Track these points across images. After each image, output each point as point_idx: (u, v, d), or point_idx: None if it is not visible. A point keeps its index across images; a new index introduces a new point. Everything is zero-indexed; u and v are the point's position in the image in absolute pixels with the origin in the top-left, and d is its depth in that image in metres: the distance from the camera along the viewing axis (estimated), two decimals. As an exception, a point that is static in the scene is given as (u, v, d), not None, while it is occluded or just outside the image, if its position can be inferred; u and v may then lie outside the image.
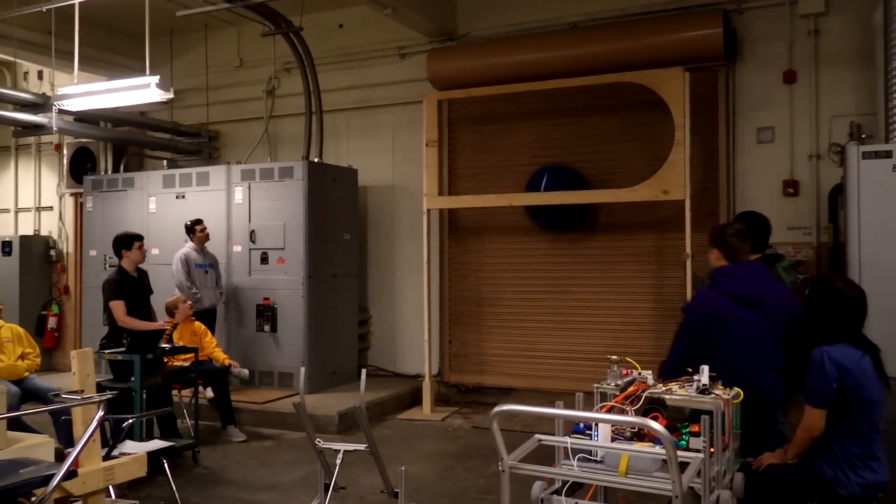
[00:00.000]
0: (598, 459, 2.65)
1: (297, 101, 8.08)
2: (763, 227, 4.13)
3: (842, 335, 3.12)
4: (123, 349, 5.35)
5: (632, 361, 3.18)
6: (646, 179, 6.32)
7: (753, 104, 6.75)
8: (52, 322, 9.59)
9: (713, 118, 6.83)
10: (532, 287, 7.55)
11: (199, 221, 7.13)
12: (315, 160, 7.63)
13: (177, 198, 7.95)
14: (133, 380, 5.22)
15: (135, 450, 4.05)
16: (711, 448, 2.58)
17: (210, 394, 6.38)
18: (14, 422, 3.88)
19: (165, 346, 5.61)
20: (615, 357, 3.11)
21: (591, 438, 2.70)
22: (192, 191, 7.85)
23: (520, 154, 7.58)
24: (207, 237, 7.16)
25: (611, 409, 2.82)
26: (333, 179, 7.71)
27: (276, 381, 7.33)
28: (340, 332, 7.72)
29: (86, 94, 6.48)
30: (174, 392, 6.02)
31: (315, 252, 7.32)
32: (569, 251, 7.40)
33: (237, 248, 7.58)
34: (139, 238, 5.95)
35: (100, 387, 4.12)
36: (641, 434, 2.67)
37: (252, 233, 7.49)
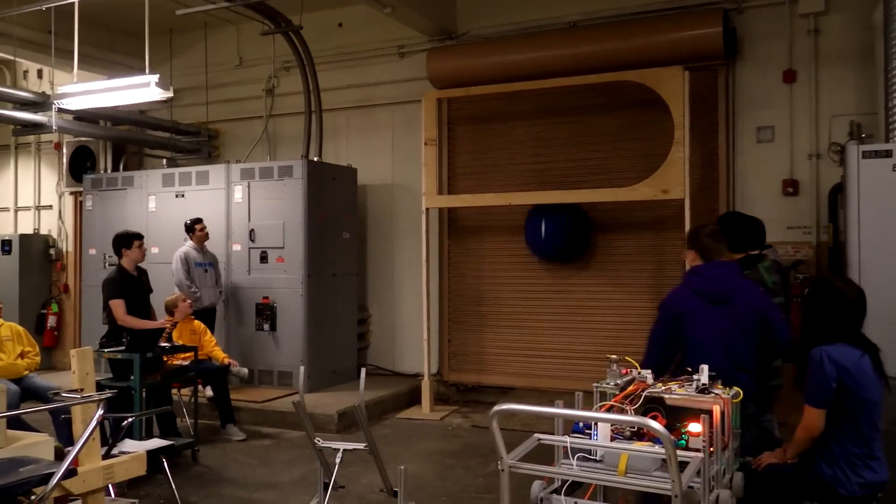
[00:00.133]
0: (598, 459, 2.65)
1: (297, 100, 8.08)
2: (747, 228, 4.13)
3: (841, 334, 3.12)
4: (123, 348, 5.35)
5: (631, 360, 3.18)
6: (645, 178, 6.32)
7: (753, 103, 6.76)
8: (52, 321, 9.59)
9: (713, 117, 6.83)
10: (531, 286, 7.56)
11: (199, 220, 7.12)
12: (314, 159, 7.63)
13: (176, 196, 7.94)
14: (132, 378, 5.22)
15: (134, 448, 4.05)
16: (711, 447, 2.58)
17: (209, 392, 6.38)
18: (14, 420, 3.88)
19: (165, 345, 5.61)
20: (614, 356, 3.11)
21: (591, 438, 2.70)
22: (192, 189, 7.85)
23: (519, 153, 7.59)
24: (207, 236, 7.16)
25: (610, 409, 2.82)
26: (333, 178, 7.71)
27: (276, 380, 7.33)
28: (340, 331, 7.72)
29: (85, 93, 6.48)
30: (174, 391, 6.03)
31: (314, 251, 7.32)
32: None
33: (237, 247, 7.58)
34: (139, 237, 5.95)
35: (99, 385, 4.12)
36: (641, 433, 2.67)
37: (251, 232, 7.49)
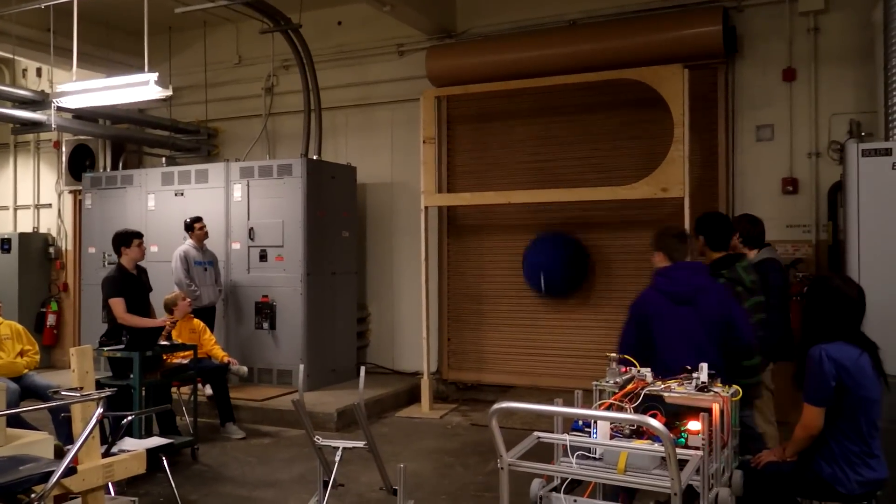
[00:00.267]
0: (597, 457, 2.65)
1: (296, 99, 8.07)
2: (723, 227, 4.21)
3: (840, 333, 3.12)
4: (122, 346, 5.35)
5: (631, 359, 3.18)
6: (645, 177, 6.32)
7: (753, 102, 6.75)
8: (52, 319, 9.59)
9: (712, 116, 6.83)
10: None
11: (199, 219, 7.12)
12: (314, 158, 7.62)
13: (176, 195, 7.94)
14: (132, 377, 5.22)
15: (134, 447, 4.05)
16: (710, 445, 2.58)
17: (209, 391, 6.38)
18: (13, 419, 3.89)
19: (164, 344, 5.61)
20: (614, 355, 3.11)
21: (590, 436, 2.70)
22: (191, 188, 7.85)
23: (519, 152, 7.58)
24: (206, 235, 7.15)
25: (610, 407, 2.82)
26: (332, 177, 7.71)
27: (275, 379, 7.33)
28: (339, 330, 7.72)
29: (84, 92, 6.47)
30: (173, 389, 6.02)
31: (314, 249, 7.32)
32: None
33: (236, 246, 7.58)
34: (139, 235, 5.94)
35: (99, 384, 4.12)
36: (640, 431, 2.67)
37: (251, 230, 7.49)
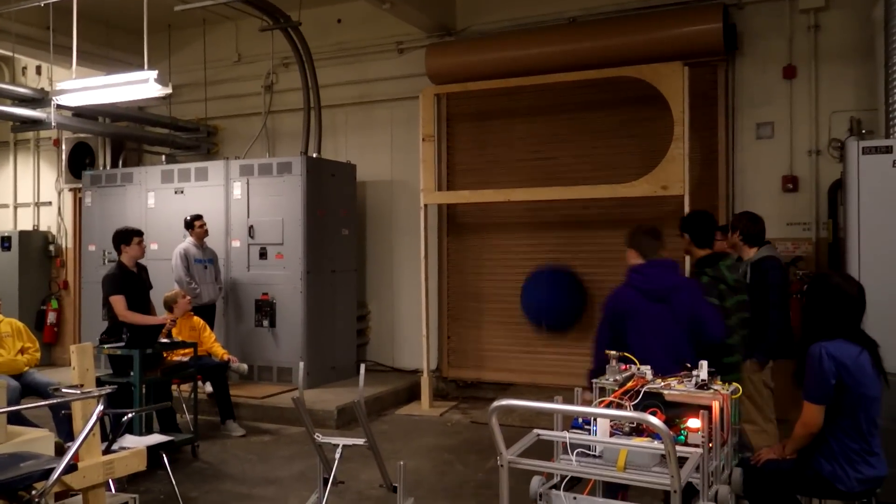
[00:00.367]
0: (597, 454, 2.65)
1: (296, 97, 8.07)
2: (707, 225, 4.25)
3: (840, 331, 3.12)
4: (123, 344, 5.35)
5: (631, 357, 3.18)
6: (645, 175, 6.31)
7: (753, 99, 6.75)
8: (52, 317, 9.60)
9: (712, 113, 6.82)
10: (531, 282, 7.55)
11: (199, 217, 7.12)
12: (313, 155, 7.62)
13: (175, 193, 7.94)
14: (132, 374, 5.22)
15: (134, 444, 4.06)
16: (710, 443, 2.58)
17: (209, 388, 6.38)
18: (14, 416, 3.89)
19: (165, 341, 5.61)
20: (614, 353, 3.12)
21: (590, 433, 2.71)
22: (191, 186, 7.84)
23: (518, 150, 7.58)
24: (206, 232, 7.15)
25: (609, 405, 2.83)
26: (332, 175, 7.71)
27: (275, 376, 7.34)
28: (339, 328, 7.72)
29: (84, 89, 6.46)
30: (173, 387, 6.03)
31: (313, 247, 7.32)
32: (567, 247, 7.39)
33: (236, 244, 7.58)
34: (138, 233, 5.94)
35: (99, 381, 4.12)
36: (640, 429, 2.67)
37: (251, 228, 7.48)
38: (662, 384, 2.92)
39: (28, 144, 10.10)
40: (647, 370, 3.08)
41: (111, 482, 3.47)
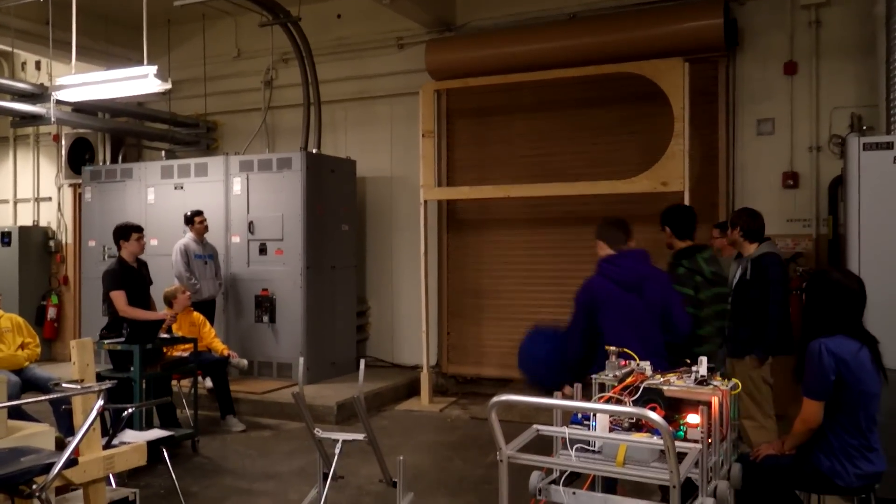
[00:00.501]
0: (596, 450, 2.66)
1: (296, 92, 8.05)
2: (686, 217, 4.30)
3: (840, 326, 3.13)
4: (123, 339, 5.35)
5: (630, 352, 3.18)
6: (645, 171, 6.31)
7: (753, 96, 6.74)
8: (52, 313, 9.61)
9: (713, 110, 6.81)
10: (530, 279, 7.55)
11: (199, 213, 7.12)
12: (313, 151, 7.62)
13: (175, 189, 7.94)
14: (132, 370, 5.23)
15: (134, 439, 4.06)
16: (709, 438, 2.59)
17: (209, 384, 6.39)
18: (14, 411, 3.89)
19: (165, 337, 5.62)
20: (613, 348, 3.12)
21: (589, 429, 2.71)
22: (191, 182, 7.84)
23: (518, 146, 7.57)
24: (206, 228, 7.15)
25: (609, 400, 2.83)
26: (332, 171, 7.70)
27: (275, 372, 7.35)
28: (339, 323, 7.73)
29: (83, 85, 6.45)
30: (173, 382, 6.04)
31: (313, 243, 7.32)
32: (567, 243, 7.38)
33: (236, 239, 7.58)
34: (138, 230, 5.93)
35: (99, 376, 4.12)
36: (639, 424, 2.68)
37: (250, 224, 7.48)
38: (662, 380, 2.92)
39: (28, 140, 10.09)
40: (647, 366, 3.08)
41: (111, 477, 3.47)
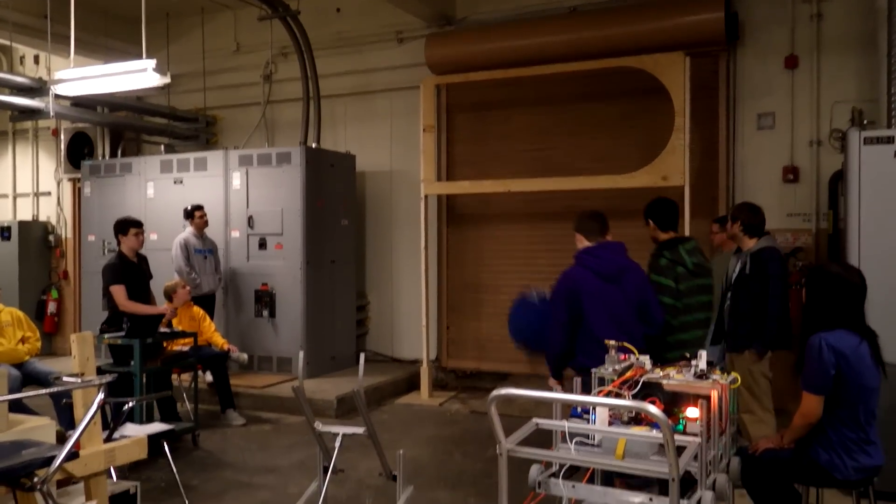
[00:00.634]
0: (596, 443, 2.66)
1: (295, 87, 8.04)
2: (669, 210, 4.35)
3: (841, 320, 3.13)
4: (123, 334, 5.36)
5: (630, 347, 3.18)
6: (645, 166, 6.30)
7: (754, 90, 6.73)
8: (52, 307, 9.62)
9: (713, 104, 6.80)
10: (530, 273, 7.54)
11: (199, 207, 7.11)
12: (313, 146, 7.61)
13: (175, 183, 7.93)
14: (133, 364, 5.24)
15: (135, 432, 4.07)
16: (708, 432, 2.59)
17: (209, 378, 6.40)
18: (15, 404, 3.90)
19: (165, 331, 5.62)
20: (613, 342, 3.12)
21: (589, 423, 2.71)
22: (190, 176, 7.83)
23: (519, 141, 7.56)
24: (206, 223, 7.15)
25: (608, 394, 2.83)
26: (331, 165, 7.69)
27: (275, 366, 7.36)
28: (338, 318, 7.73)
29: (82, 79, 6.42)
30: (174, 376, 6.04)
31: (313, 238, 7.32)
32: (567, 238, 7.28)
33: (235, 234, 7.58)
34: (136, 224, 5.89)
35: (100, 370, 4.13)
36: (639, 418, 2.68)
37: (250, 218, 7.48)
38: (661, 374, 2.93)
39: (27, 134, 10.07)
40: (646, 360, 3.09)
41: (112, 470, 3.48)
